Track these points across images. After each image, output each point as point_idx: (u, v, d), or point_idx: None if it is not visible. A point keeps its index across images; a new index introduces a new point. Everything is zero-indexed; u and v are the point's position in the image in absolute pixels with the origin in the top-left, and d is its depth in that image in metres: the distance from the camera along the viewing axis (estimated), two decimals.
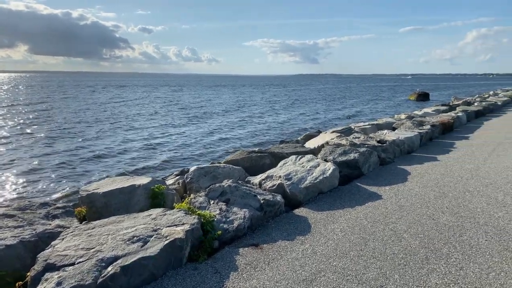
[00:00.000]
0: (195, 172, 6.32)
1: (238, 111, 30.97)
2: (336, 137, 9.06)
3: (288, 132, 18.72)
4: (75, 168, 11.52)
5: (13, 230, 3.99)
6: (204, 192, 5.03)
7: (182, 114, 28.16)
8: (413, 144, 9.17)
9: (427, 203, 5.10)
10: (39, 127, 20.13)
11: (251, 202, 4.72)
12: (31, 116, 25.31)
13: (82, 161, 12.43)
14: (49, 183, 9.92)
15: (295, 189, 5.38)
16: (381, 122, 12.50)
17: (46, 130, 18.99)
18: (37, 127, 20.11)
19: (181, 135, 17.97)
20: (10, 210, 4.48)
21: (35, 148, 14.39)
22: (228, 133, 18.85)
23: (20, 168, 11.36)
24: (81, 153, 13.54)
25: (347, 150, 7.13)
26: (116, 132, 18.88)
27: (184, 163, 11.87)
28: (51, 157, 12.92)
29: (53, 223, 4.39)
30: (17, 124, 21.48)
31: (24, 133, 18.08)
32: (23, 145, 14.81)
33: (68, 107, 32.83)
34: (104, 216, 5.18)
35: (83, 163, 12.15)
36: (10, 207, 4.60)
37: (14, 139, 16.24)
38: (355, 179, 6.58)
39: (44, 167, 11.59)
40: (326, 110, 33.13)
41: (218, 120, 24.81)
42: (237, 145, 15.08)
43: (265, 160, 7.33)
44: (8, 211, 4.42)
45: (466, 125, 13.73)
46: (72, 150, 14.04)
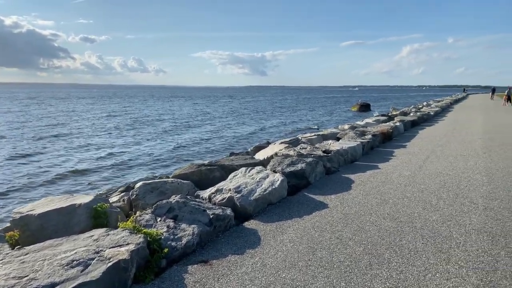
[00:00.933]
0: (141, 188, 6.09)
1: (187, 123, 30.55)
2: (285, 148, 9.25)
3: (238, 144, 18.79)
4: (9, 188, 10.58)
5: None
6: (151, 209, 4.86)
7: (128, 127, 27.17)
8: (356, 153, 9.62)
9: (370, 210, 5.35)
10: None
11: (200, 217, 4.64)
12: None
13: (17, 179, 11.46)
14: None
15: (245, 202, 5.39)
16: (326, 133, 13.00)
17: None
18: None
19: (127, 149, 17.30)
20: None
21: None
22: (177, 146, 18.47)
23: None
24: (16, 172, 12.50)
25: (295, 161, 7.30)
26: (56, 147, 17.72)
27: (130, 179, 11.41)
28: None
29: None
30: None
31: None
32: None
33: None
34: (39, 240, 4.80)
35: (18, 182, 11.21)
36: None
37: None
38: (303, 189, 6.74)
39: None
40: (275, 121, 33.79)
41: (166, 133, 24.26)
42: (186, 158, 14.82)
43: (215, 173, 7.27)
44: None
45: (403, 134, 14.70)
46: (4, 169, 12.91)
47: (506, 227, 4.60)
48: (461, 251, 3.95)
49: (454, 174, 7.47)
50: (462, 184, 6.68)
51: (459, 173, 7.59)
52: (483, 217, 4.96)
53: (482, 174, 7.42)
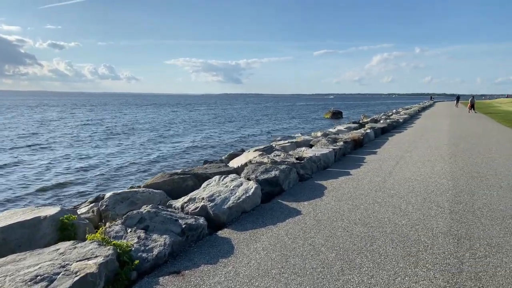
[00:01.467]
0: (111, 198, 5.93)
1: (162, 132, 30.05)
2: (259, 155, 9.27)
3: (213, 152, 18.66)
4: None
5: None
6: (121, 220, 4.73)
7: (101, 137, 26.41)
8: (328, 160, 9.78)
9: (342, 216, 5.43)
10: None
11: (172, 227, 4.56)
12: None
13: None
14: None
15: (218, 210, 5.34)
16: (300, 140, 13.15)
17: None
18: None
19: (97, 158, 16.80)
20: None
21: None
22: (150, 154, 18.11)
23: None
24: None
25: (269, 168, 7.33)
26: (25, 158, 16.97)
27: (100, 189, 11.07)
28: None
29: None
30: None
31: None
32: None
33: None
34: (1, 255, 4.57)
35: None
36: None
37: None
38: (277, 196, 6.77)
39: None
40: (250, 129, 33.87)
41: (140, 142, 23.74)
42: (159, 167, 14.55)
43: (188, 182, 7.18)
44: None
45: (374, 141, 15.08)
46: None
47: (470, 230, 4.79)
48: (428, 254, 4.07)
49: (422, 179, 7.72)
50: (430, 189, 6.91)
51: (427, 178, 7.86)
52: (449, 220, 5.15)
53: (448, 179, 7.71)
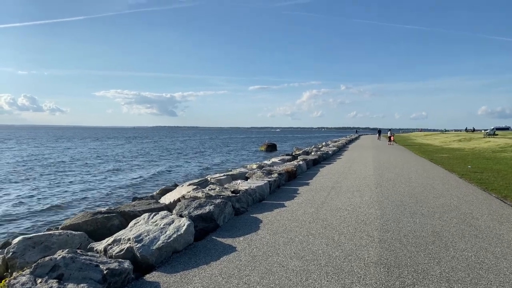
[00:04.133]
0: (20, 243, 5.17)
1: (84, 166, 27.97)
2: (193, 189, 8.95)
3: (144, 187, 17.67)
4: None
5: None
6: (29, 269, 4.11)
7: (8, 171, 23.72)
8: (263, 192, 9.76)
9: (277, 250, 5.32)
10: None
11: (92, 274, 4.06)
12: None
13: None
14: None
15: (146, 252, 4.91)
16: (235, 173, 13.05)
17: None
18: None
19: (4, 197, 14.90)
20: None
21: None
22: (70, 193, 16.47)
23: None
24: None
25: (203, 203, 7.06)
26: None
27: (8, 234, 9.71)
28: None
29: None
30: None
31: None
32: None
33: None
34: None
35: None
36: None
37: None
38: (211, 233, 6.49)
39: None
40: (184, 162, 33.07)
41: (58, 177, 21.74)
42: (82, 206, 13.30)
43: (114, 221, 6.60)
44: None
45: (306, 172, 15.54)
46: None
47: (398, 258, 4.96)
48: (361, 285, 4.09)
49: (352, 209, 7.99)
50: (360, 219, 7.15)
51: (357, 208, 8.16)
52: (378, 249, 5.30)
53: (375, 208, 8.08)
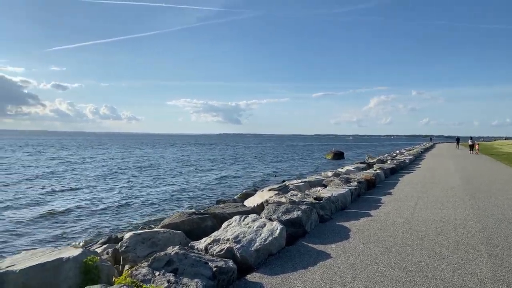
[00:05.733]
0: (132, 239, 5.67)
1: (168, 171, 29.72)
2: (275, 195, 9.07)
3: (223, 192, 18.32)
4: None
5: None
6: (147, 262, 4.47)
7: (105, 175, 26.11)
8: (345, 200, 9.56)
9: (375, 260, 5.16)
10: None
11: (203, 270, 4.30)
12: None
13: None
14: None
15: (246, 253, 5.08)
16: (313, 179, 12.97)
17: None
18: None
19: (105, 198, 16.43)
20: None
21: None
22: (159, 194, 17.64)
23: None
24: None
25: (290, 208, 7.12)
26: (24, 195, 16.63)
27: (111, 229, 10.69)
28: None
29: None
30: None
31: None
32: None
33: None
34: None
35: None
36: None
37: None
38: (300, 238, 6.51)
39: None
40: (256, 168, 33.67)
41: (146, 180, 23.40)
42: (170, 207, 14.20)
43: (207, 222, 6.94)
44: None
45: (385, 181, 14.89)
46: None
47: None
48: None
49: (447, 221, 7.48)
50: (459, 231, 6.66)
51: (452, 219, 7.62)
52: (490, 264, 4.88)
53: (474, 221, 7.47)
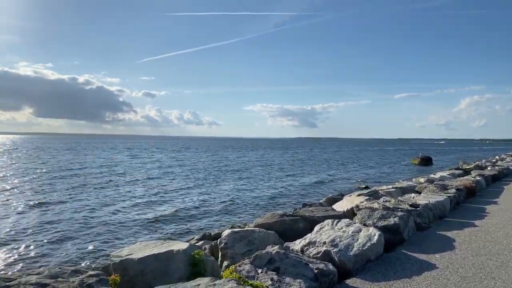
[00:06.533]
0: (230, 236, 5.92)
1: (252, 174, 30.39)
2: (365, 200, 8.77)
3: (306, 195, 18.26)
4: (100, 232, 10.77)
5: None
6: (249, 259, 4.63)
7: (194, 176, 27.61)
8: (444, 208, 8.84)
9: (491, 274, 4.67)
10: (60, 189, 19.47)
11: (304, 271, 4.32)
12: (53, 178, 24.89)
13: (104, 224, 11.74)
14: (76, 248, 9.22)
15: (344, 257, 4.98)
16: (404, 185, 12.25)
17: (67, 192, 18.24)
18: (58, 189, 19.48)
19: (197, 198, 17.38)
20: (43, 278, 4.08)
21: (58, 211, 13.59)
22: (245, 196, 18.14)
23: (44, 233, 10.56)
24: (103, 216, 12.81)
25: (385, 214, 6.80)
26: (132, 193, 18.41)
27: (204, 227, 11.33)
28: (75, 220, 12.14)
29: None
30: (40, 186, 20.90)
31: (46, 196, 17.53)
32: (46, 208, 14.04)
33: (85, 168, 32.20)
34: (138, 285, 4.73)
35: (106, 226, 11.46)
36: (42, 275, 4.19)
37: (36, 203, 15.55)
38: (398, 246, 6.18)
39: (69, 231, 10.78)
40: (337, 172, 32.88)
41: (231, 182, 24.26)
42: (256, 208, 14.62)
43: (299, 224, 6.97)
44: (41, 280, 4.01)
45: (487, 190, 13.43)
46: (94, 213, 13.38)
47: None
48: None
49: None
50: None
51: None
52: None
53: None
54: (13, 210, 13.47)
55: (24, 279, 4.16)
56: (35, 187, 19.61)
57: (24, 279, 4.18)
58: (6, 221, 11.71)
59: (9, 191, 18.18)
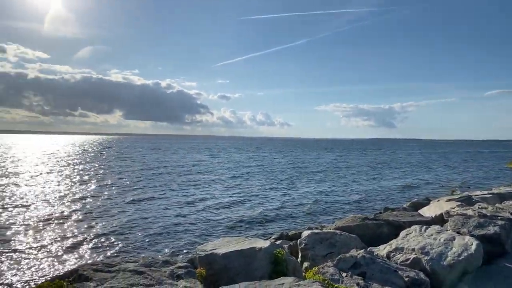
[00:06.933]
0: (310, 237, 5.85)
1: (329, 175, 29.64)
2: (457, 206, 8.02)
3: (387, 199, 17.32)
4: (186, 227, 11.46)
5: None
6: (332, 261, 4.51)
7: (272, 177, 27.76)
8: None
9: None
10: (151, 186, 21.08)
11: (393, 278, 4.08)
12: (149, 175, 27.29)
13: (190, 220, 12.47)
14: (165, 241, 9.96)
15: (437, 266, 4.59)
16: (503, 191, 10.96)
17: (158, 190, 19.69)
18: (149, 186, 21.10)
19: (276, 198, 17.49)
20: (138, 266, 4.45)
21: (150, 207, 14.78)
22: (322, 197, 17.79)
23: (138, 226, 11.55)
24: (188, 213, 13.59)
25: (483, 223, 6.15)
26: (215, 191, 19.25)
27: (281, 227, 11.39)
28: (165, 216, 13.05)
29: (179, 284, 4.20)
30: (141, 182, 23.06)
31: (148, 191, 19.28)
32: (140, 204, 15.34)
33: (172, 167, 34.50)
34: (222, 280, 4.89)
35: (191, 222, 12.15)
36: (138, 263, 4.57)
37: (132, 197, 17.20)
38: (498, 258, 5.53)
39: (159, 225, 11.68)
40: (421, 176, 30.63)
41: (310, 184, 23.90)
42: (333, 210, 14.30)
43: (383, 229, 6.62)
44: (137, 267, 4.38)
45: None
46: (182, 210, 14.25)
47: None
48: None
49: None
50: None
51: None
52: None
53: None
54: (114, 206, 14.84)
55: (123, 266, 4.57)
56: (130, 184, 21.47)
57: (123, 266, 4.59)
58: (109, 215, 12.99)
59: (110, 187, 20.12)
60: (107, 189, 19.22)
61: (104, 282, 4.02)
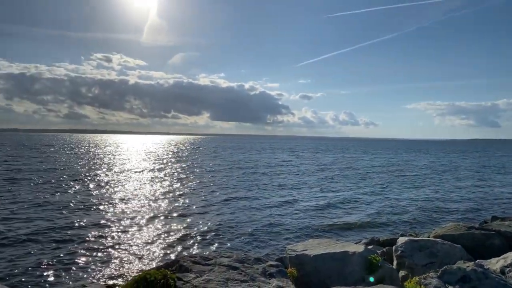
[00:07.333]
0: (408, 244, 5.46)
1: (429, 179, 27.32)
2: None
3: (496, 207, 15.39)
4: (277, 227, 11.64)
5: (240, 284, 4.01)
6: (435, 272, 4.14)
7: (368, 179, 26.60)
8: None
9: None
10: (242, 185, 21.80)
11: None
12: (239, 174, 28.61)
13: (280, 219, 12.65)
14: (255, 238, 10.26)
15: None
16: None
17: (252, 189, 20.33)
18: (240, 185, 21.86)
19: (369, 201, 16.74)
20: (232, 261, 4.62)
21: (242, 206, 15.27)
22: (420, 202, 16.45)
23: (229, 224, 12.02)
24: (279, 213, 13.76)
25: None
26: (304, 192, 19.25)
27: (372, 232, 10.85)
28: (257, 215, 13.43)
29: (272, 282, 4.25)
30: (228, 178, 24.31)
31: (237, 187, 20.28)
32: (233, 203, 15.96)
33: (259, 167, 35.49)
34: (313, 281, 4.84)
35: (282, 221, 12.31)
36: (231, 258, 4.75)
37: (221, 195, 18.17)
38: None
39: (250, 223, 12.06)
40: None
41: (408, 187, 22.38)
42: (434, 216, 13.20)
43: (494, 240, 5.89)
44: (231, 263, 4.55)
45: None
46: (273, 209, 14.54)
47: None
48: None
49: None
50: None
51: None
52: None
53: None
54: (209, 203, 15.64)
55: (218, 260, 4.79)
56: (223, 183, 22.49)
57: (219, 260, 4.82)
58: (204, 212, 13.80)
59: (205, 186, 21.30)
60: (203, 188, 20.40)
61: (203, 274, 4.25)
